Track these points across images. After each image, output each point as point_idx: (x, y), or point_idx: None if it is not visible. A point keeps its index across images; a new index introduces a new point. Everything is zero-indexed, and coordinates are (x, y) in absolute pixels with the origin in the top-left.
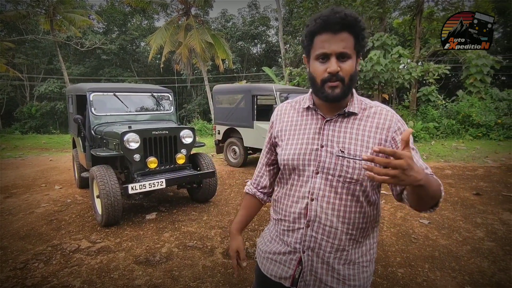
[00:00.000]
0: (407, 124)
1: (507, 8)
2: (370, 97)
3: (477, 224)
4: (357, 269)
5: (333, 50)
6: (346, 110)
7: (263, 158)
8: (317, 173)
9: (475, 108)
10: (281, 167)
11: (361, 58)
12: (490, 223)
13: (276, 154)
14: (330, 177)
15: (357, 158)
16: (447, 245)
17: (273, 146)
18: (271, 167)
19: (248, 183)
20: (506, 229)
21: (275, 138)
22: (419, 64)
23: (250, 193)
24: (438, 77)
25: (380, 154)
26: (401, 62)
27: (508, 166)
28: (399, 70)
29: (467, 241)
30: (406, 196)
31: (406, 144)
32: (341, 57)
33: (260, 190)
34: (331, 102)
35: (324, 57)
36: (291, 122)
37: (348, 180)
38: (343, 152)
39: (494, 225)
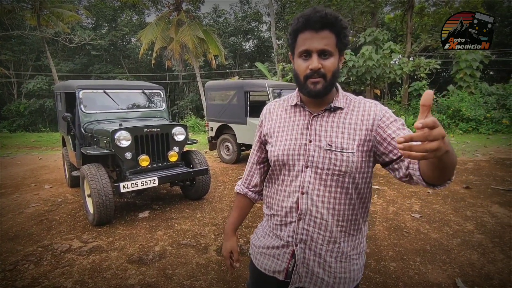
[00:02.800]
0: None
1: (496, 3)
2: (362, 92)
3: (467, 217)
4: (348, 261)
5: (315, 47)
6: (332, 105)
7: (253, 156)
8: (307, 167)
9: (465, 102)
10: (271, 164)
11: (344, 56)
12: (480, 216)
13: (266, 152)
14: (319, 170)
15: (344, 150)
16: (438, 238)
17: (263, 144)
18: (262, 165)
19: (239, 182)
20: (495, 222)
21: (264, 136)
22: (410, 59)
23: (242, 193)
24: (429, 72)
25: (363, 143)
26: (392, 57)
27: (496, 159)
28: (391, 65)
29: (457, 234)
30: (419, 172)
31: (428, 111)
32: (323, 54)
33: (252, 189)
34: (314, 98)
35: (307, 54)
36: (280, 120)
37: (336, 172)
38: (330, 145)
39: (483, 218)
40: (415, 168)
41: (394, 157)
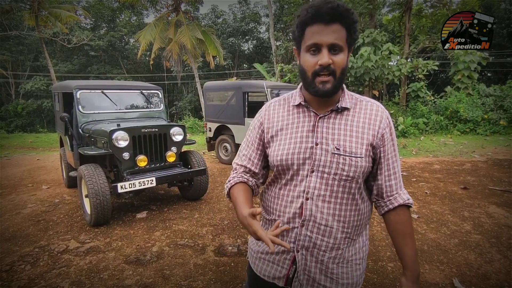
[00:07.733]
0: (397, 120)
1: (493, 5)
2: (361, 93)
3: (464, 218)
4: (350, 267)
5: (325, 41)
6: (339, 106)
7: (251, 148)
8: (313, 171)
9: (462, 104)
10: (274, 168)
11: (351, 53)
12: (477, 216)
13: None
14: (325, 175)
15: (353, 155)
16: (435, 239)
17: (262, 145)
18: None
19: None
20: (492, 222)
21: (267, 136)
22: (408, 60)
23: (241, 181)
24: (427, 73)
25: (369, 148)
26: (391, 58)
27: (494, 160)
28: (389, 67)
29: (455, 234)
30: (382, 214)
31: None
32: (333, 49)
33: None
34: (322, 97)
35: (316, 49)
36: (282, 121)
37: (344, 178)
38: (338, 149)
39: (480, 218)
40: (382, 211)
41: (373, 184)
